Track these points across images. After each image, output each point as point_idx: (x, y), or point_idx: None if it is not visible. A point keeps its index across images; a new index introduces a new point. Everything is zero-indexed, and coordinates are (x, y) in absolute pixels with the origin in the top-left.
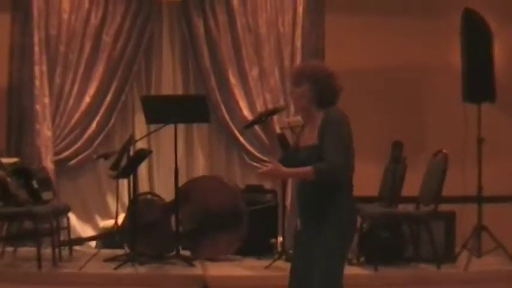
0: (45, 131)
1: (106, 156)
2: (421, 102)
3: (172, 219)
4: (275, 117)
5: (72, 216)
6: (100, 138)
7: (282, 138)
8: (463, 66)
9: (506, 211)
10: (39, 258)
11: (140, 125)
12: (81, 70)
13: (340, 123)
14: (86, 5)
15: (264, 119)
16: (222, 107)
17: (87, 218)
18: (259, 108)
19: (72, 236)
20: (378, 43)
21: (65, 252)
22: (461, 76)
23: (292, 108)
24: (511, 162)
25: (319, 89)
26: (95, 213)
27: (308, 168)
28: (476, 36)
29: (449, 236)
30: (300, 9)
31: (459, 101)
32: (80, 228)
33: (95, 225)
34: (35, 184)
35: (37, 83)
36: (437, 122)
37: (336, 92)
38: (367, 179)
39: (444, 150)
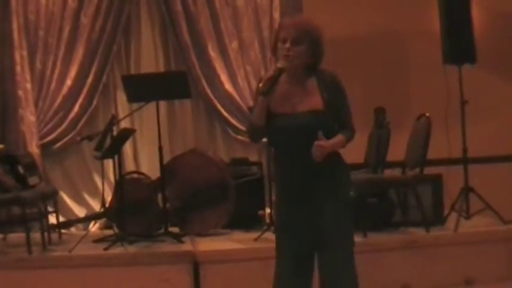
0: (29, 116)
1: (90, 138)
2: (402, 67)
3: (159, 196)
4: None
5: (65, 198)
6: (83, 120)
7: (279, 75)
8: (442, 29)
9: (492, 171)
10: (29, 243)
11: (123, 105)
12: (61, 53)
13: (345, 89)
14: None
15: (277, 77)
16: (203, 81)
17: (78, 198)
18: (241, 81)
19: (64, 218)
20: (356, 10)
21: (55, 235)
22: (441, 39)
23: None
24: (494, 122)
25: (317, 53)
26: (85, 194)
27: (342, 137)
28: None
29: (437, 199)
30: None
31: (440, 64)
32: (75, 208)
33: (86, 205)
34: (21, 169)
35: (18, 68)
36: (419, 86)
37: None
38: (352, 146)
39: (427, 114)
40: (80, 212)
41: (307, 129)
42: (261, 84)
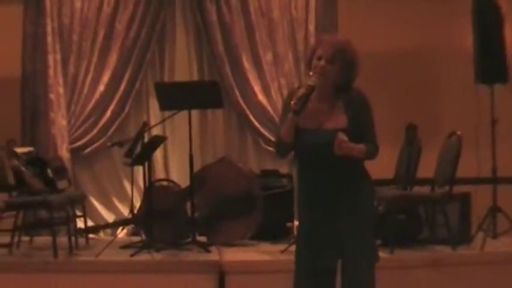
0: (60, 120)
1: (121, 144)
2: (434, 85)
3: (188, 205)
4: None
5: (94, 202)
6: (115, 126)
7: (311, 93)
8: (474, 48)
9: None
10: (55, 247)
11: (155, 112)
12: (94, 58)
13: (371, 105)
14: None
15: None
16: (237, 92)
17: (107, 203)
18: (274, 93)
19: (93, 222)
20: (390, 26)
21: (81, 240)
22: (473, 58)
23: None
24: None
25: (350, 75)
26: (114, 199)
27: (363, 146)
28: (487, 18)
29: (465, 218)
30: None
31: (472, 83)
32: (104, 213)
33: (114, 211)
34: (50, 173)
35: (51, 72)
36: (450, 104)
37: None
38: (382, 162)
39: (458, 132)
40: (109, 217)
41: (331, 147)
42: (292, 102)
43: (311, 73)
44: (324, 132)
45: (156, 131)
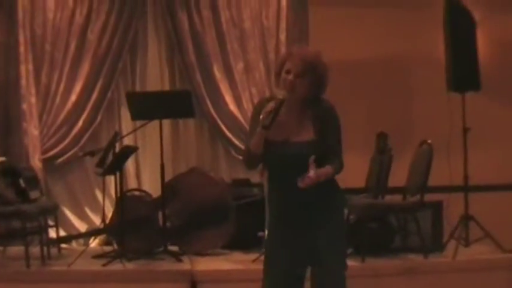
0: (32, 130)
1: (92, 154)
2: (406, 93)
3: (160, 215)
4: None
5: (66, 212)
6: (87, 135)
7: (280, 107)
8: (446, 56)
9: (492, 200)
10: (27, 257)
11: (126, 122)
12: (66, 68)
13: (339, 118)
14: (71, 3)
15: (278, 109)
16: (208, 101)
17: (79, 213)
18: (245, 102)
19: (65, 232)
20: (361, 35)
21: (54, 250)
22: (445, 66)
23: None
24: (496, 150)
25: (319, 88)
26: (86, 209)
27: (330, 169)
28: (459, 26)
29: (437, 226)
30: (284, 2)
31: (443, 91)
32: (76, 223)
33: (87, 220)
34: (22, 183)
35: (23, 82)
36: (422, 112)
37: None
38: (353, 171)
39: (429, 141)
40: (81, 226)
41: (300, 159)
42: (262, 117)
43: (280, 87)
44: (292, 144)
45: (127, 141)
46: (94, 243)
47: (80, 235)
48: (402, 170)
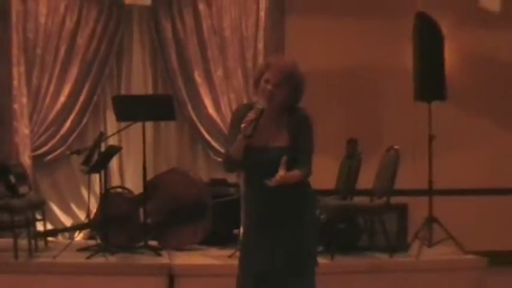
0: (23, 129)
1: (79, 152)
2: (376, 101)
3: (141, 211)
4: None
5: (53, 207)
6: (74, 135)
7: (260, 116)
8: (414, 67)
9: (455, 203)
10: (16, 249)
11: (111, 123)
12: (56, 71)
13: (312, 126)
14: (62, 9)
15: (259, 118)
16: (188, 105)
17: (65, 208)
18: (224, 107)
19: (52, 226)
20: (334, 45)
21: (41, 242)
22: (413, 76)
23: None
24: (460, 157)
25: (295, 97)
26: (72, 204)
27: (299, 173)
28: (428, 39)
29: (402, 227)
30: (262, 13)
31: (411, 100)
32: (63, 217)
33: (72, 215)
34: (12, 179)
35: (15, 83)
36: (390, 120)
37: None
38: (324, 173)
39: (396, 146)
40: (67, 221)
41: (276, 164)
42: (243, 126)
43: (259, 95)
44: (270, 149)
45: (112, 141)
46: (79, 237)
47: (65, 229)
48: (370, 173)
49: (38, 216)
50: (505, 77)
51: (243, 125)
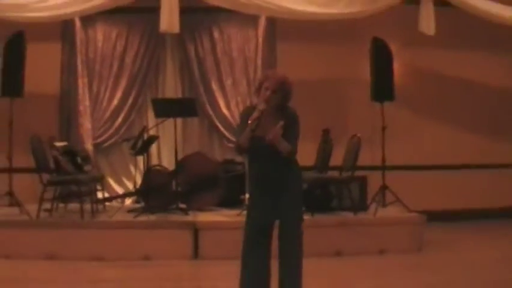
0: (87, 124)
1: (128, 140)
2: (343, 102)
3: (173, 183)
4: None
5: (110, 180)
6: (124, 128)
7: (261, 115)
8: (371, 77)
9: (402, 175)
10: (81, 211)
11: (151, 119)
12: (110, 82)
13: (298, 122)
14: (114, 36)
15: (261, 117)
16: (207, 106)
17: (118, 181)
18: (233, 107)
19: (108, 194)
20: (313, 62)
21: (100, 206)
22: (370, 84)
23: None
24: (405, 142)
25: (286, 99)
26: (123, 178)
27: (288, 145)
28: (380, 55)
29: (363, 193)
30: (260, 39)
31: (369, 101)
32: (116, 188)
33: (124, 186)
34: (79, 160)
35: (80, 91)
36: (354, 116)
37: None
38: (306, 154)
39: (358, 134)
40: (119, 190)
41: (273, 148)
42: (249, 122)
43: (260, 100)
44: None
45: (152, 132)
46: (128, 202)
47: (118, 196)
48: (339, 154)
49: (98, 187)
50: (438, 83)
51: (249, 121)
